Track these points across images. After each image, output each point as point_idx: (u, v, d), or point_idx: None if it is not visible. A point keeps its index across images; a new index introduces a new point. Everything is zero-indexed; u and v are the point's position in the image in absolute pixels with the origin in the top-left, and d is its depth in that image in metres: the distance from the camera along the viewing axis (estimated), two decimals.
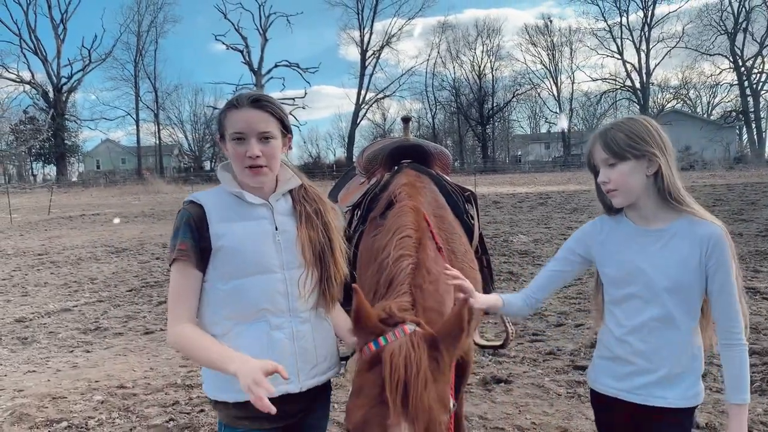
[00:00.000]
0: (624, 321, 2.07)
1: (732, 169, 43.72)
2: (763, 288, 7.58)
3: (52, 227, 20.13)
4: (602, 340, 2.19)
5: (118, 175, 59.18)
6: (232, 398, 1.99)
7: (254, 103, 2.03)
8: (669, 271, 1.96)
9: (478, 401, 4.59)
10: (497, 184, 34.43)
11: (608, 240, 2.13)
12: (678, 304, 1.97)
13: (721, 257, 1.93)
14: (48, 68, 61.59)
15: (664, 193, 1.98)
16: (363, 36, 65.97)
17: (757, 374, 4.75)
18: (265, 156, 2.00)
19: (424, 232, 2.39)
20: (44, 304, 8.59)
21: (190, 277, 1.98)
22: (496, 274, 9.07)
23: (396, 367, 1.69)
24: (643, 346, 2.02)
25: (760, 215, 15.04)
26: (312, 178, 12.80)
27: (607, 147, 2.00)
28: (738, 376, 1.94)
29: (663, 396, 2.01)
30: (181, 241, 1.97)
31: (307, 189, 2.20)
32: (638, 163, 1.97)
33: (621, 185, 1.99)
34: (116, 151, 72.24)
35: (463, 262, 2.70)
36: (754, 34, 59.06)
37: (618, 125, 2.03)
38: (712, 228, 1.95)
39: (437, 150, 3.50)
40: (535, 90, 70.66)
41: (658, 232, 2.01)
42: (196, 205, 2.04)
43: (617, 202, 2.04)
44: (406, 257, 2.21)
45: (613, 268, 2.10)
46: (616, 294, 2.10)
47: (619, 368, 2.10)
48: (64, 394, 5.02)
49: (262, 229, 2.04)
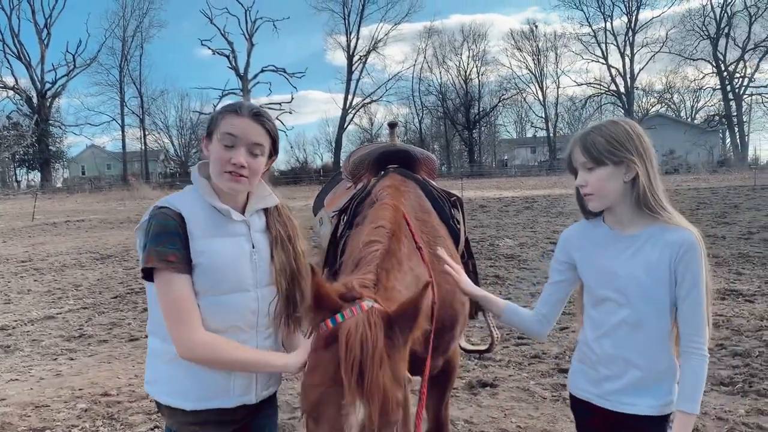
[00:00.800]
0: (597, 325, 2.07)
1: (715, 172, 44.20)
2: (746, 290, 7.66)
3: (36, 234, 19.94)
4: (579, 344, 2.20)
5: (104, 181, 58.75)
6: (190, 406, 2.00)
7: (255, 115, 2.02)
8: (639, 277, 1.96)
9: (464, 405, 4.60)
10: (484, 189, 34.55)
11: (586, 244, 2.13)
12: (649, 310, 1.96)
13: (691, 263, 1.91)
14: (32, 73, 61.09)
15: (640, 200, 1.97)
16: (350, 41, 66.08)
17: (738, 376, 4.81)
18: (250, 168, 1.99)
19: (401, 227, 2.38)
20: (27, 311, 8.50)
21: (186, 284, 1.93)
22: (483, 278, 9.09)
23: (351, 347, 1.68)
24: (612, 351, 2.02)
25: (742, 218, 15.20)
26: (299, 183, 12.84)
27: (586, 151, 1.99)
28: (692, 385, 1.92)
29: (632, 403, 2.00)
30: (170, 252, 1.91)
31: (279, 210, 2.20)
32: (616, 169, 1.96)
33: (597, 190, 1.99)
34: (101, 157, 71.69)
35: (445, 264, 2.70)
36: (736, 39, 59.94)
37: (599, 129, 2.01)
38: (683, 234, 1.94)
39: (423, 155, 3.51)
40: (521, 95, 71.11)
41: (631, 237, 2.01)
42: (174, 213, 1.96)
43: (593, 206, 2.05)
44: (376, 243, 2.22)
45: (590, 272, 2.11)
46: (592, 298, 2.11)
47: (593, 372, 2.10)
48: (48, 403, 4.97)
49: (241, 248, 2.04)
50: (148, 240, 1.94)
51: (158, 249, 1.91)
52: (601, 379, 2.07)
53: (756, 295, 7.42)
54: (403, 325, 1.81)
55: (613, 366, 2.03)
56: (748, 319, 6.38)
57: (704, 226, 13.80)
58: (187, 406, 1.99)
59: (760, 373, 4.83)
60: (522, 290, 8.37)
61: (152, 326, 2.09)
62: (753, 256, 10.05)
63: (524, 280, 9.05)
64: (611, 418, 2.05)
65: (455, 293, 2.69)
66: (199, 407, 1.99)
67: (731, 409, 4.23)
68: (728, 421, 4.04)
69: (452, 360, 2.94)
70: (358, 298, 1.86)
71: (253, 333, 2.06)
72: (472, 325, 6.08)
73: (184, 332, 1.90)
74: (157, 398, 2.07)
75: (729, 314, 6.57)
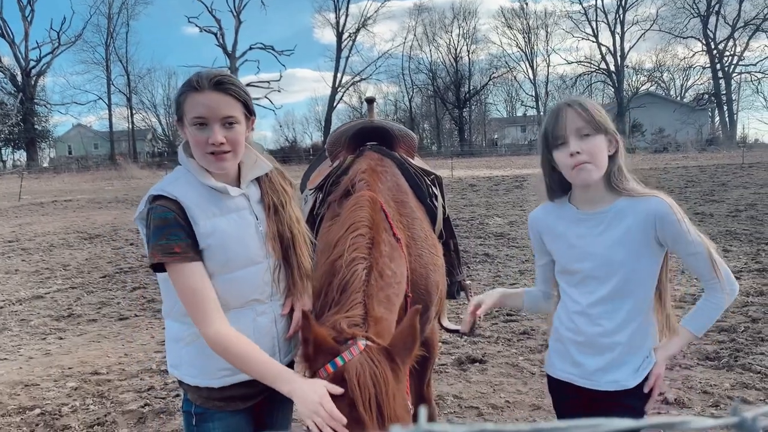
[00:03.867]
0: (575, 304, 2.05)
1: (704, 150, 44.36)
2: (732, 267, 7.67)
3: (23, 214, 19.78)
4: (556, 324, 2.17)
5: (91, 161, 58.01)
6: (218, 383, 1.99)
7: (217, 85, 1.90)
8: (613, 253, 1.94)
9: (453, 381, 4.63)
10: (474, 168, 34.54)
11: (554, 225, 2.11)
12: (625, 284, 1.95)
13: (671, 226, 1.88)
14: (15, 51, 59.96)
15: (615, 176, 1.95)
16: (339, 18, 65.42)
17: (724, 350, 4.87)
18: (229, 142, 1.92)
19: (379, 228, 2.35)
20: (15, 291, 8.46)
21: (196, 272, 1.89)
22: (472, 256, 9.14)
23: (365, 386, 1.74)
24: (591, 329, 2.01)
25: (730, 196, 15.31)
26: (289, 162, 12.80)
27: (585, 115, 1.90)
28: (706, 313, 1.97)
29: (615, 380, 2.00)
30: (174, 244, 1.86)
31: (272, 178, 2.14)
32: (607, 139, 1.94)
33: (594, 156, 1.89)
34: (88, 136, 70.92)
35: (422, 248, 2.69)
36: (726, 17, 59.76)
37: (589, 101, 1.98)
38: (652, 202, 1.91)
39: (401, 132, 3.45)
40: (511, 73, 70.83)
41: (601, 214, 1.97)
42: (171, 201, 1.89)
43: (591, 176, 1.91)
44: (359, 260, 2.17)
45: (563, 253, 2.09)
46: (567, 277, 2.09)
47: (573, 351, 2.08)
48: (37, 382, 4.97)
49: (246, 221, 2.02)
50: (150, 235, 1.89)
51: (161, 243, 1.86)
52: (580, 359, 2.05)
53: (742, 272, 7.49)
54: (403, 355, 1.88)
55: (593, 344, 2.02)
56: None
57: (692, 204, 13.90)
58: (215, 383, 1.99)
59: (745, 348, 4.89)
60: (511, 268, 8.42)
61: (167, 310, 2.08)
62: (740, 233, 10.13)
63: (513, 257, 9.09)
64: (591, 395, 2.05)
65: (429, 276, 2.70)
66: (227, 383, 1.99)
67: (717, 383, 4.29)
68: (713, 395, 4.10)
69: (430, 340, 2.96)
70: (351, 338, 1.89)
71: (269, 303, 2.06)
72: (462, 302, 6.11)
73: (202, 322, 1.88)
74: (183, 380, 2.05)
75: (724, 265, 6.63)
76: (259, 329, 2.03)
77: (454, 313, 6.09)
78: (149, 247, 1.89)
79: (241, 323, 1.97)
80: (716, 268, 1.89)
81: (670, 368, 4.54)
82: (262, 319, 2.04)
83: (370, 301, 2.07)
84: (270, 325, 2.06)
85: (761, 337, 5.12)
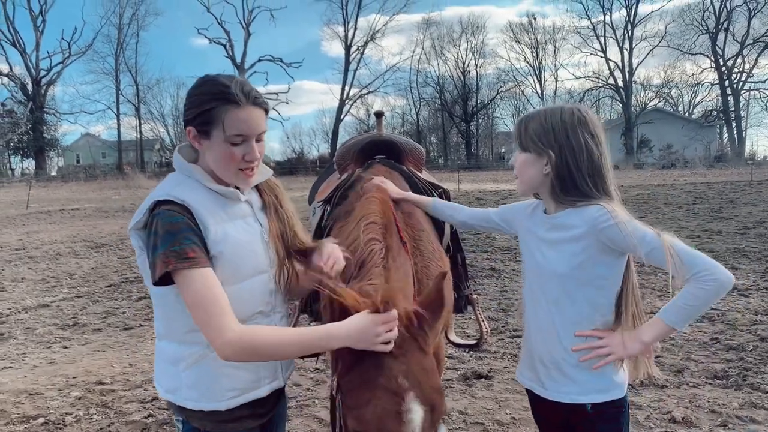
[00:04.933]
0: (532, 313, 2.09)
1: (712, 167, 44.29)
2: (741, 285, 7.67)
3: (31, 222, 19.86)
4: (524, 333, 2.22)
5: (98, 170, 58.33)
6: (225, 406, 1.90)
7: (256, 102, 1.84)
8: (559, 262, 1.98)
9: (459, 397, 4.60)
10: (481, 181, 34.54)
11: (527, 226, 2.17)
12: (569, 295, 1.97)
13: (614, 230, 1.87)
14: (26, 60, 60.62)
15: (556, 190, 1.99)
16: (347, 31, 65.80)
17: (733, 369, 4.82)
18: (260, 155, 1.90)
19: (390, 221, 2.37)
20: (21, 299, 8.47)
21: (211, 277, 1.76)
22: (479, 270, 9.10)
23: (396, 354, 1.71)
24: (539, 336, 2.05)
25: (738, 213, 15.22)
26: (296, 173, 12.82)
27: (516, 134, 2.08)
28: (680, 305, 1.85)
29: (567, 392, 2.00)
30: (188, 248, 1.73)
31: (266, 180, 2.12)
32: (538, 159, 1.99)
33: (519, 173, 2.08)
34: (96, 146, 71.41)
35: (429, 260, 2.67)
36: (735, 34, 59.86)
37: (538, 115, 2.03)
38: (592, 210, 1.92)
39: (410, 145, 3.47)
40: (519, 87, 70.98)
41: (553, 224, 2.03)
42: (179, 206, 1.79)
43: (517, 189, 2.13)
44: (376, 241, 2.20)
45: (525, 254, 2.15)
46: (527, 282, 2.14)
47: (527, 359, 2.14)
48: (41, 390, 4.96)
49: (252, 228, 1.96)
50: (159, 243, 1.74)
51: (175, 249, 1.72)
52: (533, 365, 2.10)
53: (751, 290, 7.44)
54: (432, 318, 1.83)
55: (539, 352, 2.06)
56: (743, 314, 6.39)
57: (701, 221, 13.83)
58: (221, 406, 1.89)
59: (754, 367, 4.84)
60: (517, 282, 8.37)
61: (164, 330, 1.94)
62: (749, 251, 10.06)
63: (520, 272, 9.01)
64: (555, 406, 2.05)
65: None
66: (233, 404, 1.90)
67: (725, 402, 4.24)
68: (721, 414, 4.05)
69: (437, 353, 2.93)
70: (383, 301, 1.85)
71: (272, 316, 2.00)
72: (469, 317, 6.08)
73: (217, 331, 1.71)
74: (184, 405, 1.90)
75: (724, 308, 6.58)
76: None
77: (460, 328, 6.06)
78: (158, 256, 1.73)
79: None
80: (681, 261, 1.81)
81: (677, 386, 4.51)
82: None
83: (388, 273, 2.08)
84: None
85: None
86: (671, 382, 4.63)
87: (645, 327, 1.93)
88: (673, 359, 5.10)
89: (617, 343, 1.93)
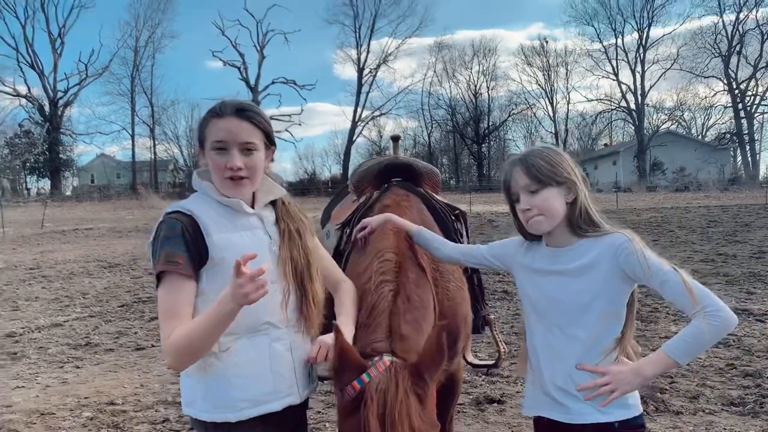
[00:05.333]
0: (549, 347, 2.06)
1: (726, 190, 43.99)
2: (756, 310, 7.58)
3: (45, 241, 20.04)
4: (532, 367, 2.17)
5: (113, 190, 58.94)
6: (234, 416, 1.91)
7: (239, 112, 1.97)
8: (579, 292, 1.98)
9: (471, 421, 4.55)
10: (492, 203, 34.45)
11: (529, 265, 2.15)
12: (591, 326, 1.98)
13: (635, 257, 1.91)
14: (44, 82, 61.56)
15: (577, 221, 2.02)
16: (360, 54, 66.40)
17: (749, 396, 4.74)
18: (247, 168, 1.96)
19: (405, 255, 2.40)
20: (35, 318, 8.52)
21: (185, 290, 1.87)
22: (491, 293, 9.06)
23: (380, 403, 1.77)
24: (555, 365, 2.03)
25: (753, 237, 15.09)
26: (307, 194, 12.84)
27: (529, 173, 2.01)
28: (685, 339, 1.87)
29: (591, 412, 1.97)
30: (176, 254, 1.85)
31: (287, 205, 2.16)
32: (559, 190, 2.01)
33: (546, 210, 2.00)
34: (111, 166, 72.05)
35: (449, 281, 2.70)
36: (747, 57, 59.78)
37: (537, 152, 2.05)
38: (615, 238, 1.97)
39: (426, 168, 3.51)
40: (531, 110, 71.09)
41: (568, 257, 2.03)
42: (185, 215, 1.93)
43: (542, 228, 2.04)
44: (386, 283, 2.23)
45: (537, 296, 2.11)
46: (540, 320, 2.10)
47: (538, 389, 2.10)
48: (53, 411, 4.96)
49: (259, 239, 2.00)
50: (158, 245, 1.89)
51: (166, 251, 1.86)
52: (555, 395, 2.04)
53: (766, 315, 7.34)
54: (430, 371, 1.89)
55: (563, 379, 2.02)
56: (759, 339, 6.31)
57: (715, 245, 13.71)
58: (232, 417, 1.91)
59: None
60: None
61: None
62: (764, 275, 9.95)
63: None
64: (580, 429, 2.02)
65: (457, 309, 2.71)
66: (245, 416, 1.91)
67: (741, 430, 4.17)
68: None
69: (455, 375, 2.93)
70: (377, 354, 1.94)
71: (284, 329, 2.01)
72: (481, 339, 6.05)
73: (162, 343, 1.83)
74: (199, 417, 1.96)
75: (740, 334, 6.50)
76: (276, 357, 1.97)
77: (473, 350, 6.02)
78: (155, 257, 1.89)
79: (257, 349, 1.94)
80: (692, 294, 1.84)
81: (693, 413, 4.44)
82: (278, 345, 1.99)
83: (395, 320, 2.13)
84: (286, 354, 2.00)
85: None
86: (687, 408, 4.57)
87: (648, 361, 1.95)
88: (688, 385, 5.03)
89: (621, 379, 1.94)
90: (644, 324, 7.06)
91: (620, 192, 42.25)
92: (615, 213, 22.85)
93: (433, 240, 2.53)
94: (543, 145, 2.10)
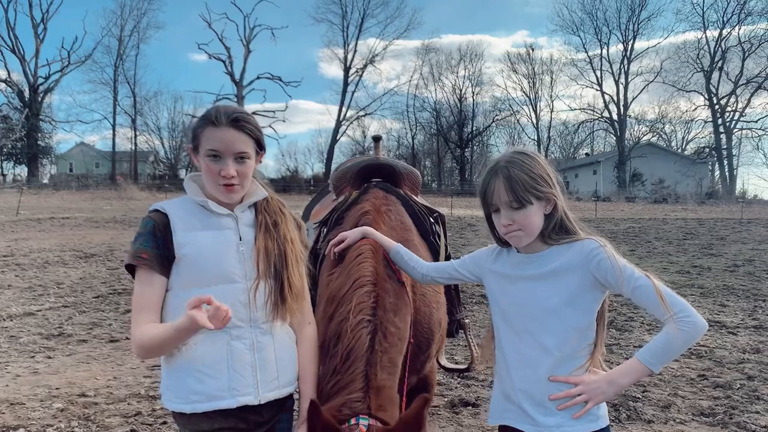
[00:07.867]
0: (518, 355, 2.05)
1: (703, 204, 44.59)
2: (729, 322, 7.70)
3: (20, 229, 19.73)
4: (499, 375, 2.16)
5: (91, 180, 57.98)
6: (189, 408, 1.98)
7: (234, 123, 2.04)
8: (550, 296, 1.98)
9: (445, 424, 4.57)
10: (473, 207, 34.56)
11: (501, 272, 2.16)
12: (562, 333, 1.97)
13: (606, 263, 1.92)
14: (25, 67, 60.47)
15: (550, 231, 2.02)
16: (347, 54, 66.24)
17: (719, 407, 4.81)
18: (240, 175, 2.05)
19: (383, 277, 2.39)
20: (7, 307, 8.39)
21: (154, 284, 2.00)
22: (470, 297, 9.10)
23: None
24: (525, 372, 2.02)
25: (728, 251, 15.32)
26: (289, 191, 12.80)
27: (511, 191, 1.97)
28: (657, 346, 1.88)
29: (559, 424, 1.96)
30: (143, 249, 1.99)
31: (269, 201, 2.21)
32: (539, 204, 2.00)
33: (526, 227, 1.99)
34: (90, 155, 71.12)
35: (426, 286, 2.70)
36: (729, 73, 60.57)
37: (519, 164, 2.00)
38: (585, 244, 1.98)
39: (407, 170, 3.52)
40: (514, 116, 71.44)
41: (540, 263, 2.03)
42: (161, 214, 2.06)
43: (522, 243, 2.03)
44: (364, 324, 2.22)
45: (506, 303, 2.11)
46: (509, 328, 2.09)
47: (504, 397, 2.09)
48: (23, 400, 4.89)
49: (226, 238, 2.07)
50: (133, 240, 2.06)
51: (135, 247, 2.01)
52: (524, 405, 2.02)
53: (739, 328, 7.46)
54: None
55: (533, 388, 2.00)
56: (730, 351, 6.40)
57: (690, 256, 13.89)
58: (186, 408, 1.99)
59: (741, 406, 4.84)
60: None
61: None
62: (738, 288, 10.11)
63: None
64: None
65: (431, 315, 2.71)
66: (199, 409, 1.97)
67: None
68: None
69: (428, 378, 2.94)
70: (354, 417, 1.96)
71: (247, 328, 2.04)
72: (457, 342, 6.07)
73: (132, 333, 1.98)
74: (166, 406, 2.07)
75: (712, 345, 6.60)
76: (235, 355, 1.99)
77: (449, 354, 6.03)
78: (130, 251, 2.06)
79: (215, 345, 1.98)
80: (664, 300, 1.86)
81: (664, 422, 4.49)
82: (238, 343, 2.00)
83: (372, 370, 2.12)
84: (247, 353, 2.01)
85: (757, 396, 5.06)
86: (658, 417, 4.62)
87: (621, 369, 1.95)
88: (660, 394, 5.09)
89: (594, 389, 1.94)
90: (619, 333, 7.13)
91: (599, 201, 42.63)
92: (593, 222, 23.04)
93: (410, 259, 2.49)
94: (521, 150, 2.06)
